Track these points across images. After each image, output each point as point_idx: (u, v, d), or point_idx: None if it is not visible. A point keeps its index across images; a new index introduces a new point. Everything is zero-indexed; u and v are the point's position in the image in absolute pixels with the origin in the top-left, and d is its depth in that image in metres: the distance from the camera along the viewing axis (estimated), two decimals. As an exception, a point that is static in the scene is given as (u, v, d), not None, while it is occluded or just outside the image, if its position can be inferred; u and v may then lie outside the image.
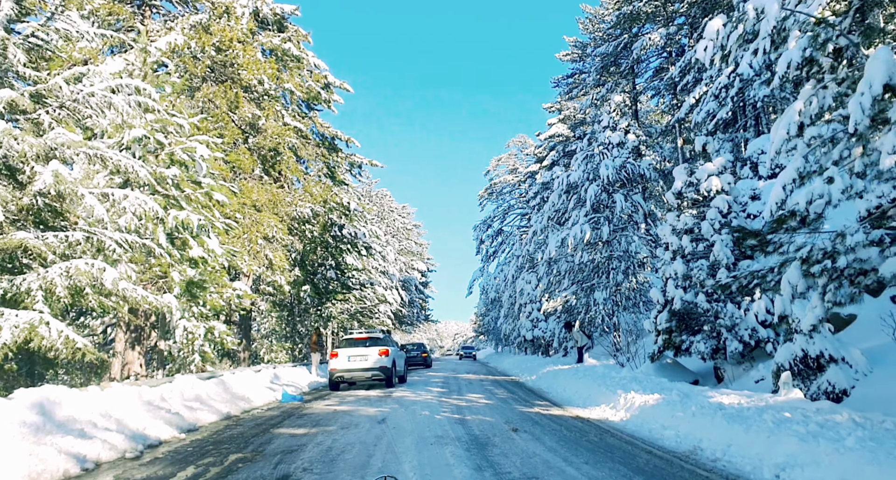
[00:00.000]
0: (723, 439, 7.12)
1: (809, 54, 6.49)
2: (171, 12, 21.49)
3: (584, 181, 21.55)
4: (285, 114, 24.41)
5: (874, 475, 4.94)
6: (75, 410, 7.99)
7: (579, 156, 22.29)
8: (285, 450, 7.40)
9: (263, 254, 20.42)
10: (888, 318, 10.24)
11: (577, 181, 21.71)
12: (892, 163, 6.10)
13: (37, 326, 8.56)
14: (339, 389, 16.54)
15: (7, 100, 8.96)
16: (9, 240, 8.84)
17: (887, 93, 6.08)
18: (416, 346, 34.15)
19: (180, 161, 12.26)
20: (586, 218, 20.70)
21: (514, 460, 6.50)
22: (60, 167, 8.77)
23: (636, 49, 32.62)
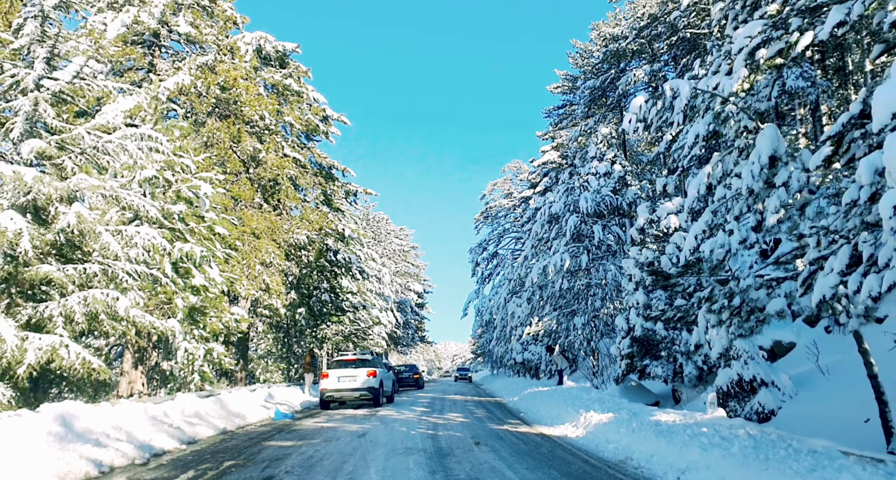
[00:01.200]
0: (648, 450, 8.28)
1: (713, 128, 7.80)
2: (179, 52, 22.98)
3: (565, 212, 22.85)
4: (285, 146, 25.82)
5: (743, 474, 6.11)
6: (91, 422, 9.16)
7: (561, 187, 23.62)
8: (273, 458, 8.56)
9: (261, 279, 21.62)
10: (813, 347, 11.43)
11: (559, 212, 23.01)
12: (776, 220, 7.38)
13: (57, 348, 9.77)
14: (330, 408, 17.58)
15: (37, 149, 10.28)
16: (35, 272, 10.09)
17: (772, 163, 7.38)
18: (409, 368, 35.18)
19: (186, 198, 13.57)
20: (566, 247, 21.95)
21: (466, 466, 7.66)
22: (82, 209, 10.06)
23: (622, 84, 34.22)
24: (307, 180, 27.00)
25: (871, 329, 11.69)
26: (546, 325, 22.65)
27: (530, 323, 25.42)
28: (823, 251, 6.28)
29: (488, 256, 63.23)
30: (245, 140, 22.08)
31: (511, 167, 65.84)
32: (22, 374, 9.54)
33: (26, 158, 10.37)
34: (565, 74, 43.05)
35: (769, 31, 6.37)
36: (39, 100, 10.42)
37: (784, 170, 7.43)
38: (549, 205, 23.63)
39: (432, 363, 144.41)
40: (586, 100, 37.69)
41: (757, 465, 6.22)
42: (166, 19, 20.83)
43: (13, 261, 10.08)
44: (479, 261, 63.55)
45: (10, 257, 10.06)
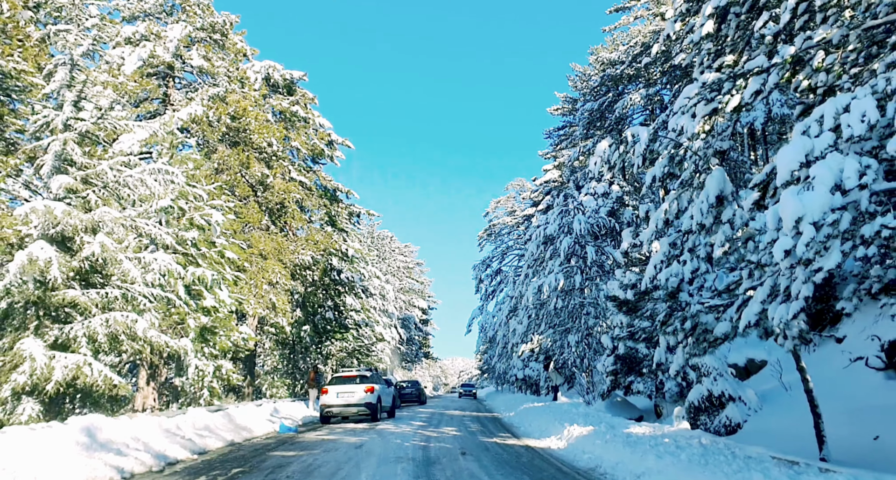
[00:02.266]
0: (615, 459, 9.15)
1: (668, 170, 8.77)
2: (192, 82, 24.23)
3: (559, 234, 23.79)
4: (292, 170, 26.96)
5: (687, 476, 7.00)
6: (112, 434, 10.12)
7: (556, 210, 24.58)
8: (276, 466, 9.48)
9: (268, 298, 22.62)
10: (776, 365, 12.29)
11: (554, 233, 23.95)
12: (721, 252, 8.32)
13: (82, 366, 10.77)
14: (330, 422, 18.41)
15: (65, 185, 11.37)
16: (62, 296, 11.12)
17: (719, 202, 8.33)
18: (411, 384, 36.01)
19: (198, 225, 14.62)
20: (560, 267, 22.86)
21: (448, 472, 8.56)
22: (106, 239, 11.10)
23: (619, 107, 35.28)
24: (313, 202, 28.09)
25: (832, 347, 12.58)
26: (542, 343, 23.48)
27: (527, 340, 26.25)
28: (754, 282, 7.21)
29: (492, 273, 64.07)
30: (254, 166, 23.21)
31: (514, 185, 66.98)
32: (50, 390, 10.53)
33: (56, 193, 11.45)
34: (565, 97, 44.23)
35: (705, 92, 7.36)
36: (68, 141, 11.53)
37: (729, 208, 8.40)
38: (545, 226, 24.59)
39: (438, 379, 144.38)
40: (585, 122, 38.78)
41: (699, 469, 7.10)
42: (180, 53, 22.10)
43: (42, 286, 11.12)
44: (483, 278, 64.36)
45: (39, 283, 11.10)
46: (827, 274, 6.11)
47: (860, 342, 11.61)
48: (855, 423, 9.61)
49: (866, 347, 11.23)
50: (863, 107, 5.82)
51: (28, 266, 10.45)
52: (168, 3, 23.36)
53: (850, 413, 10.07)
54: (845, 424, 9.66)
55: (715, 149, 8.45)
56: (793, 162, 6.02)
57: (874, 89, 6.02)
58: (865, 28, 6.49)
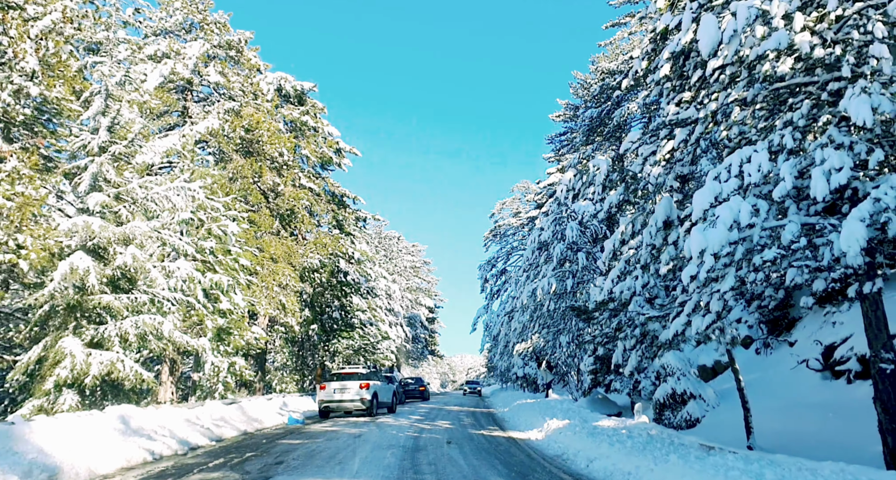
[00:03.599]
0: (579, 447, 10.53)
1: (623, 197, 10.13)
2: (209, 96, 25.74)
3: (553, 240, 25.12)
4: (301, 176, 28.46)
5: (626, 459, 8.37)
6: (142, 422, 11.63)
7: (550, 217, 25.90)
8: (284, 451, 10.94)
9: (278, 299, 24.12)
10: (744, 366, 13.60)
11: (548, 240, 25.29)
12: (667, 270, 9.67)
13: (115, 363, 12.29)
14: (329, 417, 19.05)
15: (101, 202, 12.89)
16: (98, 300, 12.65)
17: (666, 226, 9.68)
18: (416, 380, 37.52)
19: (216, 235, 16.12)
20: (553, 272, 24.19)
21: (430, 457, 9.98)
22: (136, 251, 12.61)
23: (617, 116, 36.48)
24: (321, 207, 29.59)
25: (785, 350, 13.89)
26: (536, 343, 24.84)
27: (524, 340, 27.63)
28: (685, 298, 8.56)
29: (497, 273, 65.44)
30: (266, 174, 24.71)
31: (519, 187, 68.26)
32: (88, 383, 12.07)
33: (92, 209, 12.98)
34: (567, 104, 45.44)
35: (646, 138, 8.71)
36: (104, 162, 13.04)
37: (674, 231, 9.75)
38: (540, 232, 25.92)
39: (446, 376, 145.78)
40: (585, 128, 40.01)
41: (636, 453, 8.47)
42: (199, 69, 23.61)
43: (80, 292, 12.66)
44: (488, 278, 65.76)
45: (77, 288, 12.64)
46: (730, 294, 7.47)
47: (808, 346, 12.93)
48: (789, 418, 10.95)
49: (811, 350, 12.55)
50: (760, 159, 7.17)
51: (70, 274, 11.99)
52: (187, 22, 24.87)
53: (788, 409, 11.41)
54: (781, 418, 11.01)
55: (661, 182, 9.79)
56: (704, 202, 7.38)
57: (770, 144, 7.36)
58: (772, 89, 7.81)
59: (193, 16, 24.66)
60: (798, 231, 6.90)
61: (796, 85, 7.83)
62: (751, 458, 7.16)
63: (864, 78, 6.88)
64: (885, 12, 6.94)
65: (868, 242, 6.78)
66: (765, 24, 7.21)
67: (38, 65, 12.80)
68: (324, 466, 9.08)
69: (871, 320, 7.31)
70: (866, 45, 6.92)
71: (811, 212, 7.33)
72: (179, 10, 24.49)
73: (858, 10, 7.18)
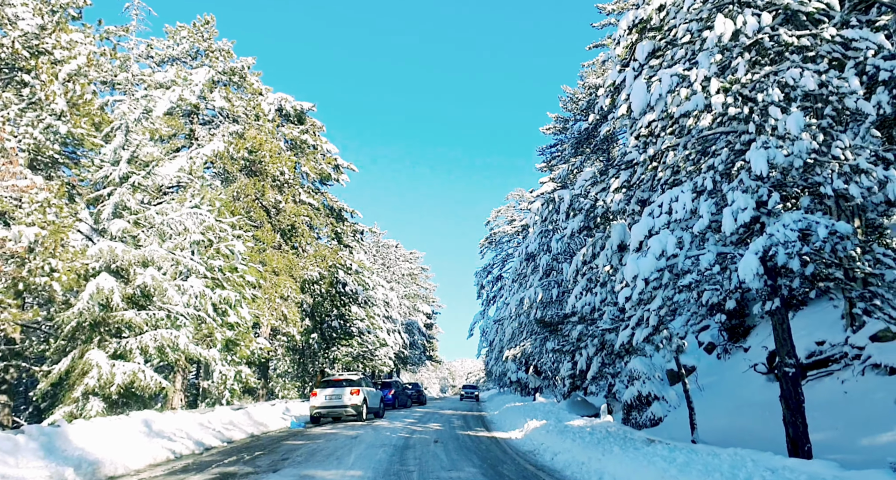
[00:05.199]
0: (549, 443, 11.96)
1: (583, 224, 11.61)
2: (214, 118, 27.23)
3: (539, 251, 26.58)
4: (302, 192, 29.96)
5: (583, 451, 9.80)
6: (162, 425, 13.06)
7: (536, 229, 27.36)
8: (288, 450, 12.37)
9: (280, 310, 25.55)
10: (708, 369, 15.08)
11: (534, 251, 26.75)
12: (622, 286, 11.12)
13: (137, 373, 13.73)
14: (320, 423, 19.33)
15: (122, 228, 14.36)
16: (121, 316, 14.10)
17: (620, 249, 11.16)
18: (413, 386, 38.98)
19: (224, 254, 17.56)
20: (540, 282, 25.65)
21: (417, 453, 11.42)
22: (155, 272, 14.07)
23: (602, 131, 38.03)
24: (321, 221, 31.07)
25: (740, 355, 15.33)
26: (524, 349, 26.27)
27: (514, 346, 29.06)
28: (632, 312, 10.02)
29: (493, 279, 66.88)
30: (268, 193, 26.19)
31: (514, 195, 69.78)
32: (113, 392, 13.51)
33: (114, 234, 14.44)
34: (556, 117, 46.97)
35: (596, 175, 10.18)
36: (124, 193, 14.52)
37: (628, 253, 11.20)
38: (527, 245, 27.37)
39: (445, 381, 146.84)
40: (574, 141, 41.58)
41: (592, 447, 9.91)
42: (204, 95, 25.10)
43: (104, 309, 14.11)
44: (484, 284, 67.22)
45: (102, 306, 14.08)
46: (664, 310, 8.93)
47: (759, 351, 14.37)
48: (736, 416, 12.39)
49: (760, 355, 14.00)
50: (685, 199, 8.65)
51: (96, 293, 13.44)
52: (193, 49, 26.40)
53: (738, 408, 12.85)
54: (729, 416, 12.46)
55: (621, 208, 11.26)
56: (640, 234, 8.85)
57: (695, 185, 8.84)
58: (699, 137, 9.29)
59: (199, 44, 26.19)
60: (713, 259, 8.38)
61: (719, 133, 9.32)
62: (676, 447, 8.59)
63: (766, 133, 8.36)
64: (782, 80, 8.42)
65: (767, 269, 8.26)
66: (688, 87, 8.70)
67: (66, 105, 14.29)
68: (324, 461, 10.51)
69: (778, 332, 8.77)
70: (768, 106, 8.39)
71: (726, 243, 8.79)
72: (186, 39, 26.02)
73: (763, 75, 8.68)
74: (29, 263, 12.43)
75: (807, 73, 8.28)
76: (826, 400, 10.70)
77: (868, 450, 8.50)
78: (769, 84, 8.53)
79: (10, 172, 11.34)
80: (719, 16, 8.53)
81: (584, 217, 11.48)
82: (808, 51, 9.03)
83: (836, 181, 8.05)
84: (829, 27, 8.64)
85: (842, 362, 11.21)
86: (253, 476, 9.02)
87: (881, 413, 9.20)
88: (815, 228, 7.77)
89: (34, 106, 14.56)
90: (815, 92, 8.33)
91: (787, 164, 8.08)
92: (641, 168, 9.60)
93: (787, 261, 7.65)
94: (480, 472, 9.22)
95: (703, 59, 8.88)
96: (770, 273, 8.35)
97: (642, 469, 7.44)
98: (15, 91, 14.77)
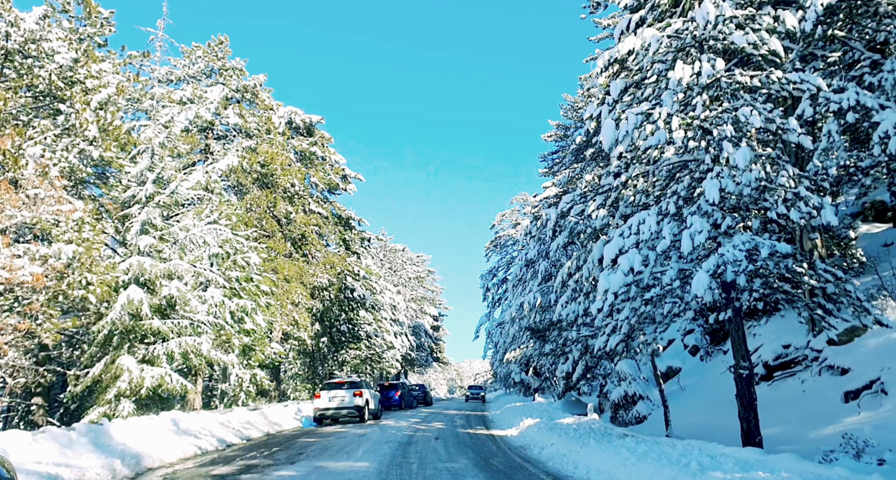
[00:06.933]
0: (539, 439, 13.17)
1: (570, 239, 12.83)
2: (227, 133, 28.59)
3: (538, 258, 27.78)
4: (311, 202, 31.29)
5: (566, 444, 11.01)
6: (188, 424, 14.36)
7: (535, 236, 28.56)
8: (302, 446, 13.64)
9: (292, 316, 26.88)
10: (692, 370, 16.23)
11: (533, 257, 27.95)
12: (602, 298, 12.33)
13: (164, 376, 15.05)
14: (323, 424, 19.85)
15: (149, 244, 15.69)
16: (149, 324, 15.43)
17: (600, 262, 12.35)
18: (419, 387, 40.27)
19: (240, 265, 18.88)
20: (538, 287, 26.84)
21: (419, 449, 12.65)
22: (179, 284, 15.39)
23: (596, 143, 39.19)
24: (329, 229, 32.40)
25: (721, 357, 16.46)
26: (524, 351, 27.47)
27: (515, 348, 30.26)
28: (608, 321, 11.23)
29: (498, 282, 68.04)
30: (279, 204, 27.53)
31: (518, 199, 71.02)
32: (143, 394, 14.83)
33: (143, 249, 15.78)
34: (557, 124, 48.19)
35: (577, 199, 11.39)
36: (151, 212, 15.86)
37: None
38: (527, 251, 28.58)
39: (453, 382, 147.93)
40: (573, 150, 42.76)
41: (573, 441, 11.12)
42: (219, 112, 26.48)
43: (134, 318, 15.43)
44: (490, 287, 68.44)
45: (131, 315, 15.41)
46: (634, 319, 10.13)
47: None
48: (710, 413, 13.55)
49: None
50: (651, 222, 9.85)
51: (127, 304, 14.78)
52: (208, 68, 27.79)
53: (713, 406, 14.01)
54: (705, 413, 13.63)
55: (595, 227, 12.47)
56: (612, 252, 10.06)
57: (660, 209, 10.04)
58: (665, 165, 10.49)
59: (213, 63, 27.58)
60: (675, 275, 9.58)
61: (681, 163, 10.52)
62: (644, 440, 9.79)
63: (721, 164, 9.55)
64: (735, 117, 9.61)
65: (723, 284, 9.45)
66: (652, 123, 9.91)
67: (98, 131, 15.65)
68: (335, 455, 11.77)
69: (734, 338, 9.96)
70: (722, 140, 9.58)
71: (687, 260, 9.99)
72: (201, 59, 27.41)
73: (720, 112, 9.87)
74: (67, 277, 13.78)
75: (755, 111, 9.47)
76: (787, 397, 11.85)
77: (814, 441, 9.67)
78: (725, 120, 9.72)
79: (53, 197, 12.68)
80: (678, 62, 9.73)
81: (569, 233, 12.68)
82: (761, 89, 10.21)
83: (780, 206, 9.24)
84: (776, 71, 9.80)
85: (803, 363, 12.36)
86: (273, 468, 10.29)
87: (830, 409, 10.36)
88: (761, 248, 8.96)
89: (67, 132, 15.93)
90: (763, 128, 9.52)
91: (738, 192, 9.28)
92: (615, 192, 10.81)
93: (735, 278, 8.84)
94: (473, 463, 10.45)
95: (666, 97, 10.08)
96: (726, 287, 9.54)
97: (609, 458, 8.64)
98: (51, 119, 16.16)
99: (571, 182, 44.42)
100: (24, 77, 15.45)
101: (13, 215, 12.06)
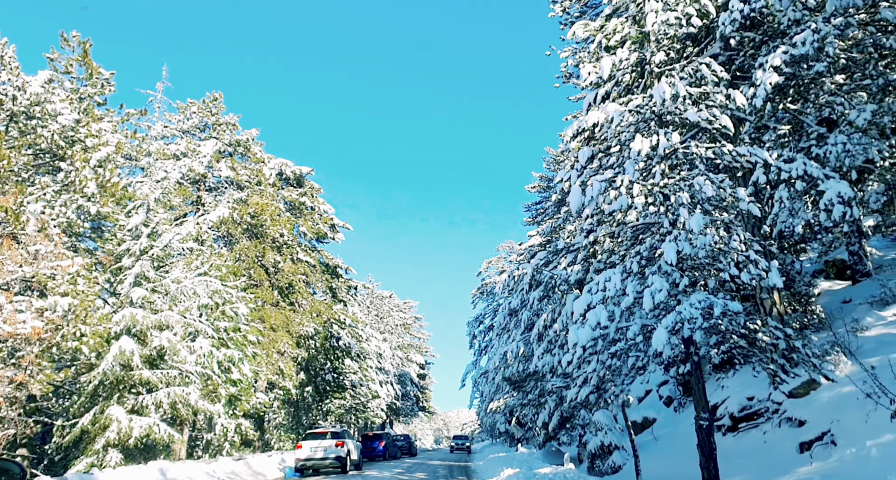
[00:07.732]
0: (516, 489, 13.59)
1: (545, 293, 13.58)
2: (219, 185, 29.44)
3: (521, 307, 28.44)
4: (299, 251, 31.95)
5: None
6: (175, 474, 14.64)
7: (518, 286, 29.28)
8: (287, 495, 13.93)
9: (277, 365, 27.15)
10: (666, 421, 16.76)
11: (516, 307, 28.61)
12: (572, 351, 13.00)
13: (152, 426, 15.37)
14: (305, 475, 19.66)
15: (142, 296, 16.24)
16: (139, 375, 15.83)
17: (571, 316, 13.08)
18: (404, 437, 40.09)
19: (229, 315, 19.40)
20: (521, 336, 27.41)
21: (400, 497, 13.02)
22: (170, 335, 15.88)
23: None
24: (316, 277, 32.95)
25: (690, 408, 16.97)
26: (507, 401, 27.82)
27: (498, 398, 30.58)
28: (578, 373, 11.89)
29: (484, 329, 68.24)
30: (268, 254, 28.19)
31: (504, 247, 72.07)
32: (131, 444, 15.11)
33: (135, 301, 16.31)
34: (540, 176, 49.73)
35: (549, 256, 12.20)
36: (144, 265, 16.47)
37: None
38: (510, 301, 29.25)
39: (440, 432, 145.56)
40: (555, 202, 44.10)
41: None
42: (212, 165, 27.40)
43: (125, 369, 15.84)
44: (476, 334, 68.59)
45: (122, 366, 15.82)
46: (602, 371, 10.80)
47: (707, 405, 16.09)
48: (681, 462, 14.06)
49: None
50: (616, 280, 10.65)
51: (119, 355, 15.22)
52: (202, 122, 28.87)
53: (684, 455, 14.52)
54: (674, 463, 14.15)
55: (569, 282, 13.26)
56: (580, 308, 10.81)
57: (624, 268, 10.87)
58: (630, 227, 11.37)
59: (208, 118, 28.67)
60: (638, 330, 10.32)
61: (644, 225, 11.42)
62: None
63: (678, 228, 10.44)
64: (690, 185, 10.57)
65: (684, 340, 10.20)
66: (615, 190, 10.83)
67: (96, 188, 16.40)
68: (319, 504, 12.14)
69: (695, 390, 10.64)
70: (678, 207, 10.50)
71: (649, 316, 10.75)
72: (196, 114, 28.51)
73: (677, 180, 10.83)
74: (62, 329, 14.27)
75: (708, 181, 10.44)
76: (750, 448, 12.45)
77: (772, 490, 10.26)
78: (681, 187, 10.67)
79: (53, 253, 13.30)
80: (638, 135, 10.74)
81: (544, 288, 13.45)
82: (715, 160, 11.23)
83: (732, 268, 10.09)
84: (728, 144, 10.83)
85: (765, 415, 13.00)
86: (259, 516, 10.66)
87: (786, 459, 10.97)
88: (715, 306, 9.76)
89: (67, 188, 16.67)
90: (715, 196, 10.47)
91: (694, 254, 10.14)
92: (584, 251, 11.64)
93: (692, 334, 9.60)
94: (452, 511, 10.89)
95: (628, 166, 11.06)
96: (686, 342, 10.28)
97: (578, 505, 9.18)
98: (51, 176, 16.92)
99: (555, 231, 45.59)
100: (27, 136, 16.28)
101: (14, 270, 12.65)
